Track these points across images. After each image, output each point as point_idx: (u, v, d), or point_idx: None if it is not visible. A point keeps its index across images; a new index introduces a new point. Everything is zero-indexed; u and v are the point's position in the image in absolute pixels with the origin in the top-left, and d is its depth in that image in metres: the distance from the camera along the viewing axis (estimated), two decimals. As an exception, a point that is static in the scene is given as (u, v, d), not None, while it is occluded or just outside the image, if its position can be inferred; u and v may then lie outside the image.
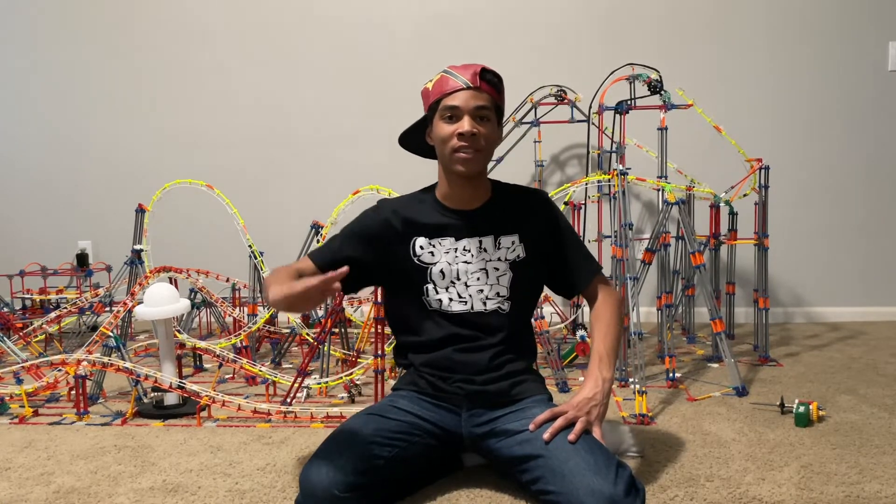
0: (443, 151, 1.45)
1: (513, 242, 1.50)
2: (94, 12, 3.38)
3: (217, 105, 3.36)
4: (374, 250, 1.52)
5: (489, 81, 1.44)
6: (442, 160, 1.48)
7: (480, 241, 1.49)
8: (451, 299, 1.48)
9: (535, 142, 3.03)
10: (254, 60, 3.32)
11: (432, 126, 1.47)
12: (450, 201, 1.51)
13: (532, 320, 1.70)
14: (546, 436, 1.31)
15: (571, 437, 1.30)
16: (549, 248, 1.54)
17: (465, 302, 1.48)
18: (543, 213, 1.55)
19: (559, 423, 1.33)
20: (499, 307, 1.49)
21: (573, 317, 2.86)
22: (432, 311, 1.50)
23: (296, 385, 2.03)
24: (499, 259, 1.49)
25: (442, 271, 1.48)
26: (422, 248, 1.49)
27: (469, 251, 1.49)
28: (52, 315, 2.79)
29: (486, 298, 1.49)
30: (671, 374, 2.15)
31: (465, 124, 1.40)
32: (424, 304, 1.50)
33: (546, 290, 1.66)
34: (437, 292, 1.48)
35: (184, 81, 3.37)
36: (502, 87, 1.48)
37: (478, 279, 1.48)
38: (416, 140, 1.55)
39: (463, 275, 1.48)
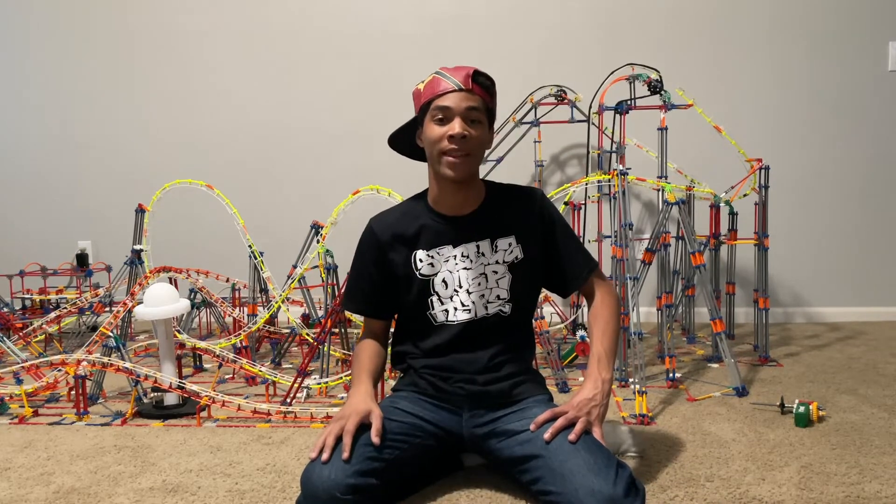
0: (432, 153, 1.44)
1: (510, 244, 1.49)
2: (94, 12, 3.38)
3: (217, 105, 3.36)
4: (386, 272, 1.52)
5: (481, 84, 1.43)
6: (431, 163, 1.46)
7: (478, 246, 1.48)
8: (455, 308, 1.47)
9: (535, 142, 3.03)
10: (254, 60, 3.32)
11: (422, 128, 1.45)
12: (442, 207, 1.50)
13: (532, 319, 1.69)
14: (547, 435, 1.31)
15: (572, 437, 1.30)
16: (545, 245, 1.53)
17: (469, 310, 1.47)
18: (538, 211, 1.53)
19: (560, 423, 1.33)
20: (500, 310, 1.49)
21: (573, 317, 2.86)
22: (437, 325, 1.49)
23: (296, 385, 2.03)
24: (496, 262, 1.48)
25: (444, 280, 1.47)
26: (421, 260, 1.49)
27: (467, 257, 1.48)
28: (52, 315, 2.79)
29: (488, 303, 1.48)
30: (671, 375, 2.15)
31: (456, 126, 1.39)
32: (430, 318, 1.49)
33: (545, 290, 1.65)
34: (443, 303, 1.48)
35: (184, 81, 3.37)
36: (495, 91, 1.47)
37: (478, 284, 1.47)
38: (406, 141, 1.53)
39: (465, 281, 1.47)
